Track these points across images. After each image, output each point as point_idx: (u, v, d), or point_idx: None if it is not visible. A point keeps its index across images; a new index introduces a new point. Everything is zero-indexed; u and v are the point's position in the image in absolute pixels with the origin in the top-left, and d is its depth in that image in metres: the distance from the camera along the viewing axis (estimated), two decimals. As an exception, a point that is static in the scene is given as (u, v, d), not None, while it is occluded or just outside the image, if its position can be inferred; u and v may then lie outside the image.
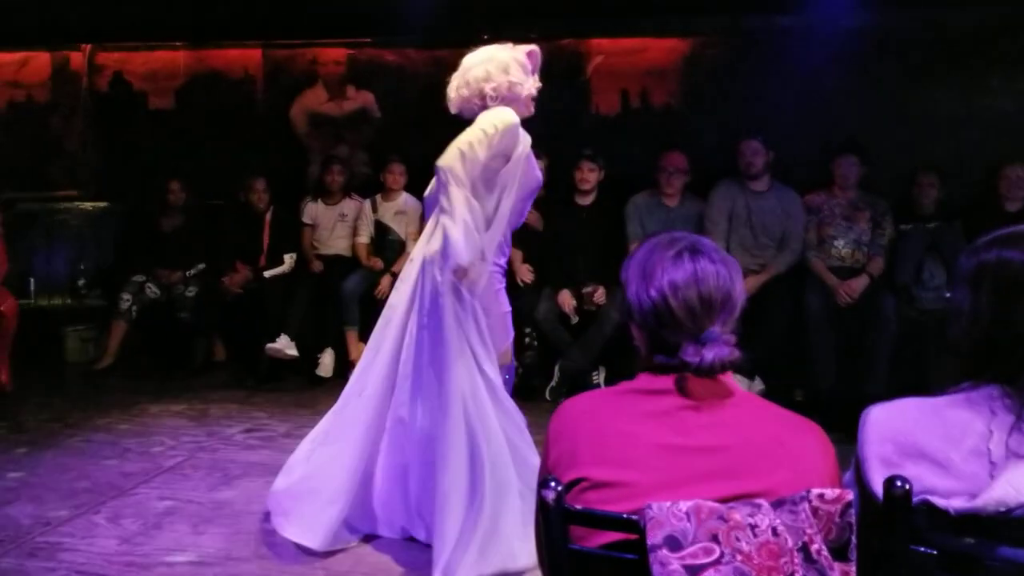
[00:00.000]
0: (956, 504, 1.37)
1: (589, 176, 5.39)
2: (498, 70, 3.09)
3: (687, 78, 6.33)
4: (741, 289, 1.54)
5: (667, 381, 1.49)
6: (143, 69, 7.32)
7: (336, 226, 6.12)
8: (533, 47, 3.23)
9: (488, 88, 3.08)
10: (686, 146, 5.52)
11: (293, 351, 5.61)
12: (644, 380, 1.52)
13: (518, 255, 5.35)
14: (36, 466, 4.08)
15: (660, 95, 6.41)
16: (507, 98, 3.09)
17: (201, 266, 6.14)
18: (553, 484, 1.42)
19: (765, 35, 6.05)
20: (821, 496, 1.33)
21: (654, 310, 1.49)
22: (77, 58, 7.41)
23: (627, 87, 6.45)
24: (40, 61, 7.47)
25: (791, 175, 5.38)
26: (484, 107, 3.10)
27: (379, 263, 5.87)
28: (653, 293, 1.49)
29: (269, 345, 5.57)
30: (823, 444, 1.48)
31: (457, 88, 3.18)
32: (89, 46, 7.32)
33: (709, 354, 1.45)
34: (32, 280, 6.45)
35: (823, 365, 4.90)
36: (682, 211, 5.41)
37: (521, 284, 5.41)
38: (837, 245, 5.21)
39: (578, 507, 1.42)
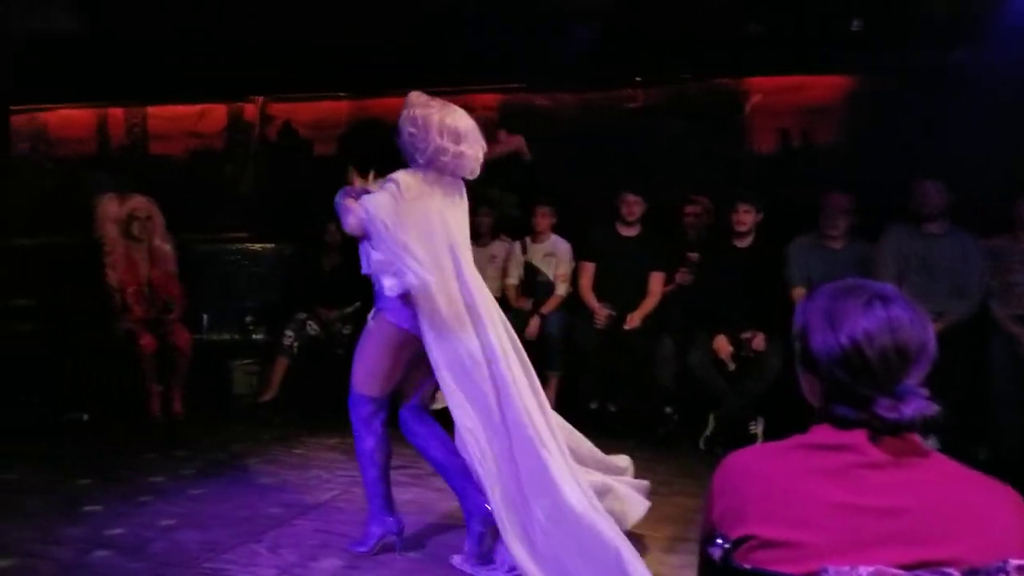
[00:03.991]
0: None
1: (745, 218, 5.24)
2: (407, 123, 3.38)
3: (851, 116, 6.09)
4: (934, 339, 1.43)
5: (851, 436, 1.40)
6: (309, 118, 7.73)
7: (486, 267, 6.16)
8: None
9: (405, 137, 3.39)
10: (850, 186, 5.28)
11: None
12: (821, 434, 1.43)
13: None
14: (203, 493, 4.29)
15: (822, 134, 6.20)
16: (409, 152, 3.39)
17: (357, 304, 6.34)
18: (720, 541, 1.38)
19: (937, 71, 5.76)
20: (1021, 568, 1.21)
21: (844, 360, 1.40)
22: (251, 109, 7.90)
23: (786, 126, 6.28)
24: (217, 112, 8.01)
25: (968, 218, 5.05)
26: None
27: (528, 304, 5.89)
28: (844, 341, 1.40)
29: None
30: (1018, 509, 1.35)
31: None
32: (262, 98, 7.79)
33: (908, 409, 1.35)
34: (205, 316, 6.82)
35: (1009, 422, 4.54)
36: (847, 254, 5.16)
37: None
38: (1020, 292, 4.84)
39: (747, 566, 1.35)
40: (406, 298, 3.27)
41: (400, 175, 3.35)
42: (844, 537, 1.32)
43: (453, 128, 3.34)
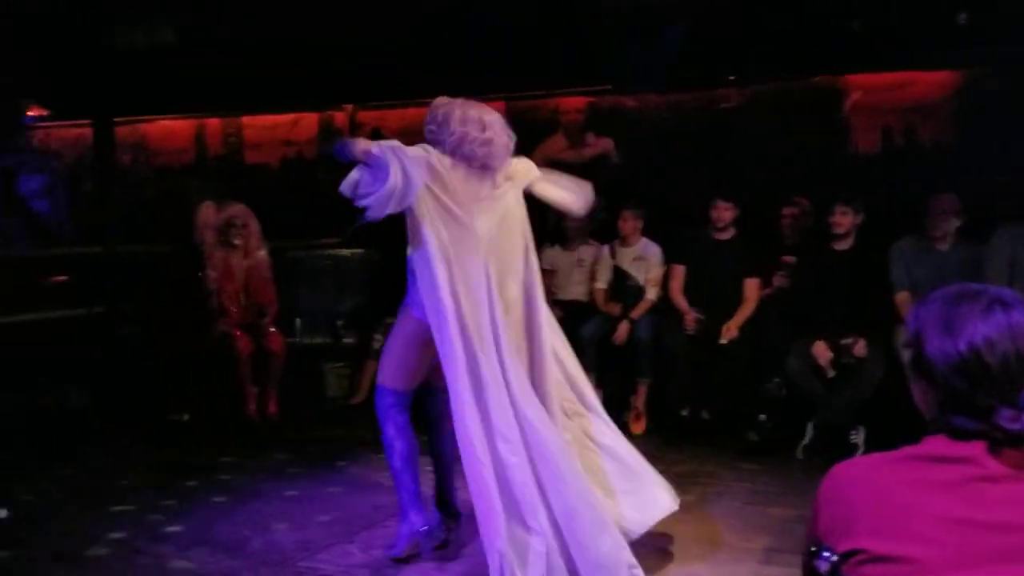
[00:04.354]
0: None
1: (842, 220, 5.07)
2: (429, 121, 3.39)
3: (957, 113, 5.84)
4: None
5: (969, 448, 1.33)
6: (398, 125, 7.82)
7: (574, 271, 6.15)
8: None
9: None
10: (957, 186, 5.06)
11: None
12: (936, 445, 1.37)
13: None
14: (297, 494, 4.36)
15: (927, 132, 5.96)
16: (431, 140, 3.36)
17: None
18: (827, 554, 1.34)
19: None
20: None
21: (963, 367, 1.34)
22: (341, 117, 8.06)
23: (889, 124, 6.05)
24: (309, 121, 8.20)
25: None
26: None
27: (617, 309, 5.82)
28: (962, 347, 1.33)
29: None
30: None
31: None
32: (351, 106, 7.94)
33: None
34: (298, 320, 6.96)
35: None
36: (954, 256, 4.94)
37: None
38: None
39: None
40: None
41: (430, 147, 3.30)
42: (959, 553, 1.26)
43: (476, 117, 3.32)
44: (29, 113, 9.27)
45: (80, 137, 8.94)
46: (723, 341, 5.27)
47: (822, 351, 4.90)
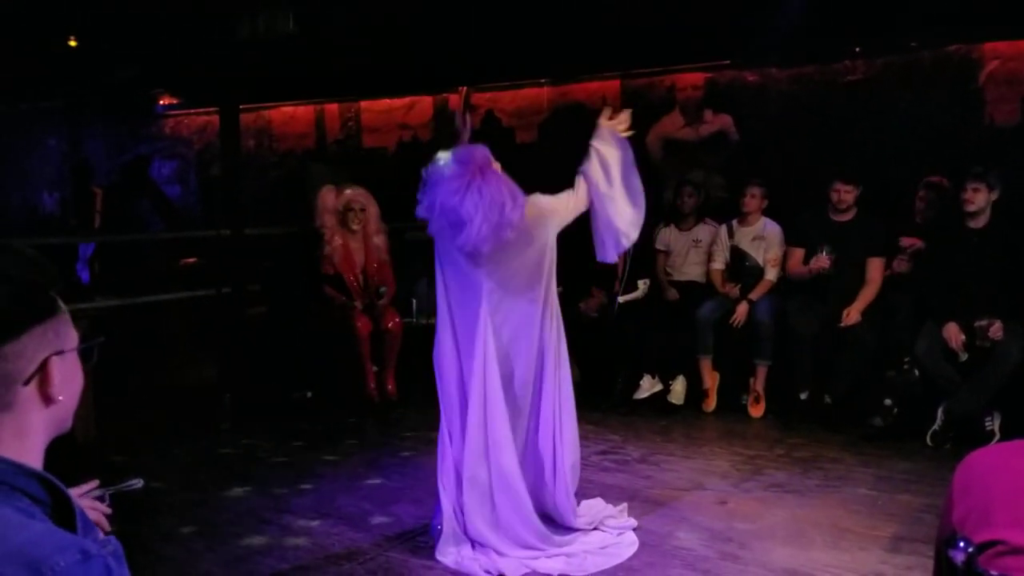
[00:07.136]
0: None
1: (974, 197, 4.79)
2: None
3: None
4: None
5: None
6: (511, 106, 7.86)
7: (690, 252, 6.05)
8: None
9: None
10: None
11: (655, 387, 5.66)
12: None
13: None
14: (417, 470, 4.47)
15: (1072, 102, 5.57)
16: None
17: (559, 290, 6.37)
18: (963, 544, 1.27)
19: None
20: None
21: None
22: (455, 99, 8.14)
23: (1030, 94, 5.70)
24: (424, 104, 8.33)
25: None
26: None
27: (735, 290, 5.70)
28: None
29: (636, 397, 5.67)
30: None
31: None
32: (465, 88, 8.00)
33: None
34: (415, 301, 7.10)
35: None
36: (1101, 235, 4.62)
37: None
38: None
39: (995, 573, 1.23)
40: None
41: None
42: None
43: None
44: (161, 102, 9.79)
45: (208, 124, 9.36)
46: (843, 324, 5.10)
47: (954, 333, 4.67)
